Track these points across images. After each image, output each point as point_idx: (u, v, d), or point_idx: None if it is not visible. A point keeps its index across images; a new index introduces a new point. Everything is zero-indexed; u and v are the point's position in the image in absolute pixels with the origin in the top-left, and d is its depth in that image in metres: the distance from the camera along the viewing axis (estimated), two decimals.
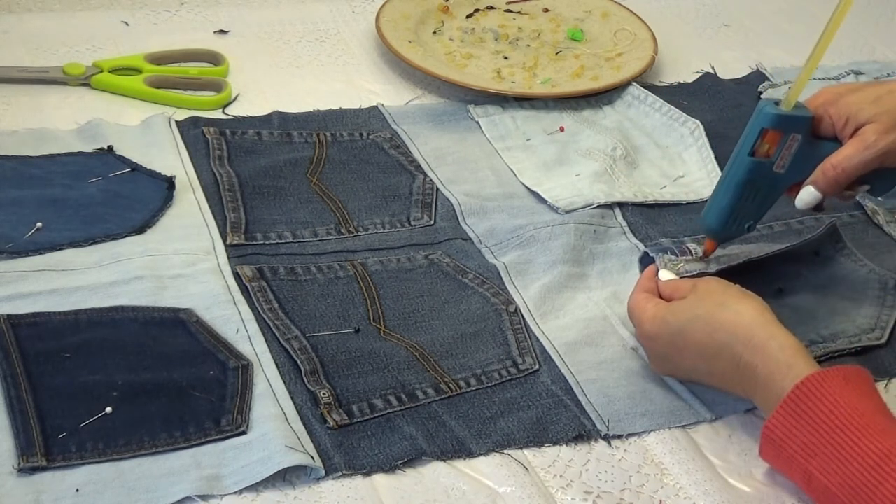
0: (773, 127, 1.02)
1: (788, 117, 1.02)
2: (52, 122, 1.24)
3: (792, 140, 1.02)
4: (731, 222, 1.05)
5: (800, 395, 0.89)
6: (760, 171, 1.03)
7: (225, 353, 0.99)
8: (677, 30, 1.58)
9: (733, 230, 1.06)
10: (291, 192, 1.20)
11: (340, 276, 1.10)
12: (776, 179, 1.04)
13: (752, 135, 1.02)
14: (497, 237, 1.17)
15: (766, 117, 1.02)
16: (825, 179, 1.02)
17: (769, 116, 1.01)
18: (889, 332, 1.10)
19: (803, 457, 0.89)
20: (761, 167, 1.03)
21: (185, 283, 1.06)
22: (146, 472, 0.89)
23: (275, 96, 1.34)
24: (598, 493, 0.93)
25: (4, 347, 0.96)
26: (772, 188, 1.04)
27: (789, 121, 1.02)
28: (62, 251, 1.07)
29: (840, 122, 1.02)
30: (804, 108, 1.03)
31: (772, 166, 1.03)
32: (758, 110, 1.03)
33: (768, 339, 0.94)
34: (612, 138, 1.32)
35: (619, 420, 0.99)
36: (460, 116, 1.35)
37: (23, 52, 1.35)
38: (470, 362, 1.03)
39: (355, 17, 1.51)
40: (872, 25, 1.62)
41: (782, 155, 1.03)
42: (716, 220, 1.06)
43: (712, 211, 1.06)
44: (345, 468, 0.92)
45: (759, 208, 1.05)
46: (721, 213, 1.05)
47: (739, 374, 0.95)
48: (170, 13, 1.46)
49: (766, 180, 1.04)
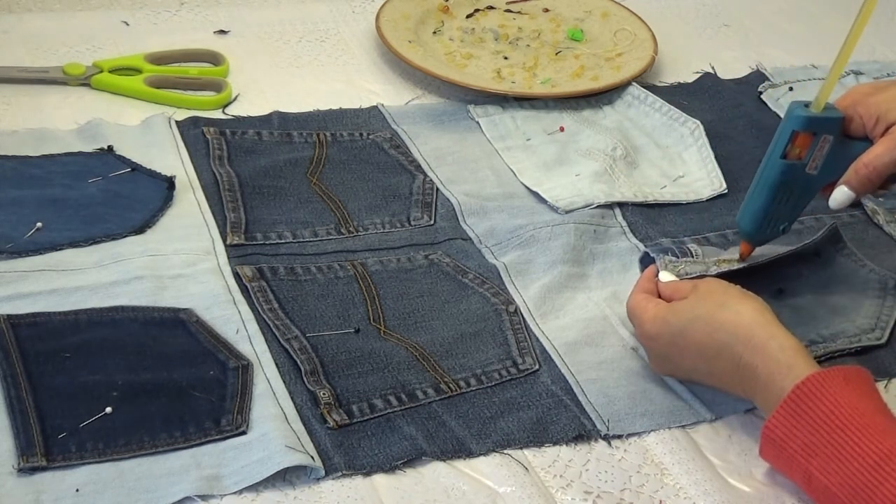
0: (804, 129, 1.02)
1: (819, 119, 1.02)
2: (52, 122, 1.24)
3: (823, 141, 1.03)
4: (766, 225, 1.06)
5: (800, 395, 0.89)
6: (793, 173, 1.04)
7: (225, 353, 0.99)
8: (677, 30, 1.58)
9: (768, 233, 1.07)
10: (291, 192, 1.20)
11: (340, 276, 1.10)
12: (809, 181, 1.05)
13: (784, 137, 1.03)
14: (497, 237, 1.17)
15: (796, 120, 1.02)
16: (858, 179, 1.02)
17: (800, 119, 1.02)
18: (889, 332, 1.10)
19: (803, 457, 0.89)
20: (794, 169, 1.04)
21: (185, 283, 1.06)
22: (146, 472, 0.89)
23: (275, 96, 1.34)
24: (598, 493, 0.93)
25: (4, 347, 0.96)
26: (805, 189, 1.05)
27: (820, 122, 1.02)
28: (62, 251, 1.07)
29: (870, 122, 1.03)
30: (834, 109, 1.04)
31: (804, 168, 1.04)
32: (788, 113, 1.03)
33: (768, 339, 0.94)
34: (612, 138, 1.32)
35: (619, 420, 0.99)
36: (460, 116, 1.35)
37: (23, 52, 1.35)
38: (470, 362, 1.03)
39: (355, 17, 1.51)
40: (872, 25, 1.61)
41: (814, 156, 1.03)
42: (750, 223, 1.07)
43: (747, 214, 1.07)
44: (345, 468, 0.92)
45: (794, 210, 1.06)
46: (755, 216, 1.06)
47: (740, 375, 0.95)
48: (170, 13, 1.46)
49: (799, 182, 1.05)
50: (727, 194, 1.27)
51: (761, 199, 1.05)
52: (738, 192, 1.28)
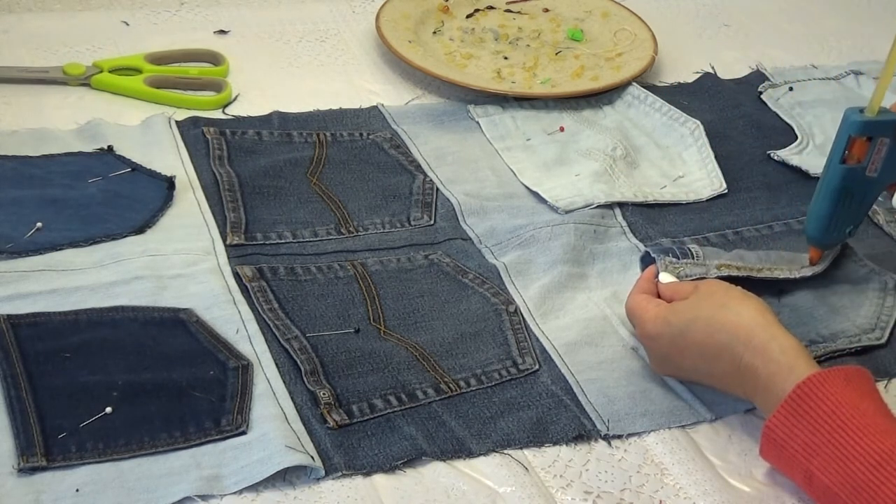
0: (860, 133, 1.04)
1: (874, 123, 1.04)
2: (52, 122, 1.24)
3: (880, 144, 1.04)
4: (832, 229, 1.08)
5: (801, 394, 0.89)
6: (853, 177, 1.05)
7: (225, 353, 0.99)
8: (677, 30, 1.58)
9: (834, 236, 1.09)
10: (291, 192, 1.20)
11: (340, 276, 1.10)
12: (870, 183, 1.06)
13: (841, 143, 1.05)
14: (497, 237, 1.17)
15: (852, 125, 1.04)
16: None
17: (855, 124, 1.04)
18: (889, 333, 1.10)
19: (804, 456, 0.89)
20: (854, 173, 1.05)
21: (185, 283, 1.06)
22: (146, 472, 0.89)
23: (275, 96, 1.34)
24: (598, 493, 0.93)
25: (4, 347, 0.96)
26: (867, 192, 1.07)
27: (875, 126, 1.04)
28: (62, 251, 1.07)
29: None
30: (888, 111, 1.05)
31: (864, 171, 1.05)
32: (843, 119, 1.05)
33: (769, 340, 0.94)
34: (612, 138, 1.32)
35: (619, 420, 0.99)
36: (460, 116, 1.35)
37: (23, 52, 1.35)
38: (470, 362, 1.03)
39: (355, 17, 1.51)
40: (873, 25, 1.62)
41: (873, 160, 1.05)
42: (816, 228, 1.09)
43: (812, 220, 1.09)
44: (345, 468, 0.92)
45: (857, 213, 1.08)
46: (820, 221, 1.08)
47: (740, 376, 0.95)
48: (170, 13, 1.46)
49: (860, 185, 1.06)
50: (727, 194, 1.27)
51: (825, 205, 1.07)
52: (738, 192, 1.28)
